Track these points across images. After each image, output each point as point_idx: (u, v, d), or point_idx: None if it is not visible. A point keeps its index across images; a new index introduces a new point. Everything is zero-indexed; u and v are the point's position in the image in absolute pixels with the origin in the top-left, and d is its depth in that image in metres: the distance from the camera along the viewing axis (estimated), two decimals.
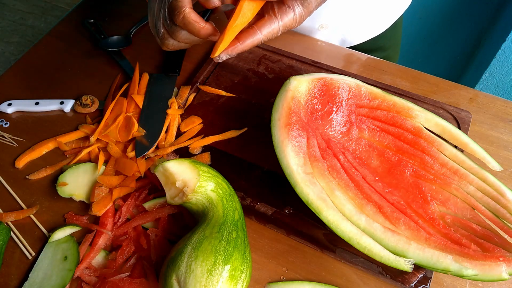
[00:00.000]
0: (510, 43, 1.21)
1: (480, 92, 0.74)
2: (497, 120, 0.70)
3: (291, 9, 0.45)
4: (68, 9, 2.18)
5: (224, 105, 0.71)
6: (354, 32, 0.84)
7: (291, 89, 0.58)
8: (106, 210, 0.58)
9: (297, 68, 0.75)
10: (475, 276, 0.46)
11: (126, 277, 0.53)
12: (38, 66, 0.78)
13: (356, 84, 0.61)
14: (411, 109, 0.59)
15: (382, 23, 0.87)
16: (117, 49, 0.79)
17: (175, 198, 0.52)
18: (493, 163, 0.56)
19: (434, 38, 1.49)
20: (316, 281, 0.54)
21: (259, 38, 0.47)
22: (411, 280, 0.53)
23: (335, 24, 0.81)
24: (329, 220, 0.49)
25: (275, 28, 0.47)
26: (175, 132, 0.67)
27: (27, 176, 0.64)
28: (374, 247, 0.48)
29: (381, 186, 0.55)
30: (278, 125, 0.55)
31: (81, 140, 0.67)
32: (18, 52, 2.02)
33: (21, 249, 0.57)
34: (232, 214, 0.52)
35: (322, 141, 0.57)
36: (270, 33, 0.47)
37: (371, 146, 0.59)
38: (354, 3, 0.80)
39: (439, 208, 0.53)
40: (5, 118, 0.71)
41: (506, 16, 1.24)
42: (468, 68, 1.50)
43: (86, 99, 0.71)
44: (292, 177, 0.52)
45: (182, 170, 0.53)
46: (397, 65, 0.78)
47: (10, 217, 0.59)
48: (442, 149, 0.56)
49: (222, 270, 0.46)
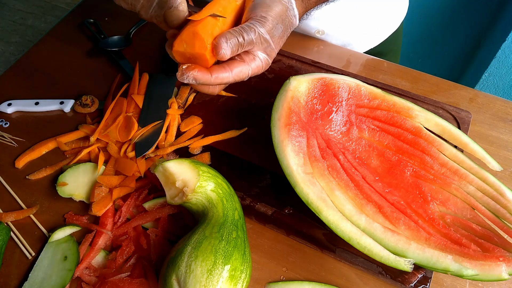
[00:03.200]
0: (510, 43, 1.21)
1: (480, 92, 0.74)
2: (497, 120, 0.70)
3: (257, 57, 0.50)
4: (68, 9, 2.18)
5: (224, 105, 0.71)
6: (353, 43, 0.85)
7: (291, 89, 0.58)
8: (106, 210, 0.58)
9: (297, 68, 0.75)
10: (475, 276, 0.46)
11: (126, 277, 0.53)
12: (38, 66, 0.78)
13: (356, 84, 0.61)
14: (411, 109, 0.59)
15: (380, 34, 0.88)
16: (117, 49, 0.79)
17: (175, 198, 0.52)
18: (493, 163, 0.56)
19: (434, 38, 1.49)
20: (316, 281, 0.54)
21: (229, 77, 0.49)
22: (411, 280, 0.53)
23: (332, 31, 0.82)
24: (329, 220, 0.49)
25: (244, 71, 0.50)
26: (175, 132, 0.67)
27: (27, 176, 0.64)
28: (374, 247, 0.48)
29: (381, 186, 0.55)
30: (278, 125, 0.55)
31: (81, 140, 0.67)
32: (18, 52, 2.02)
33: (21, 249, 0.57)
34: (232, 214, 0.52)
35: (322, 141, 0.57)
36: (239, 75, 0.50)
37: (371, 146, 0.59)
38: (351, 13, 0.80)
39: (439, 208, 0.53)
40: (5, 118, 0.71)
41: (506, 16, 1.24)
42: (468, 68, 1.50)
43: (86, 99, 0.71)
44: (292, 177, 0.52)
45: (182, 170, 0.53)
46: (397, 65, 0.78)
47: (10, 217, 0.59)
48: (442, 149, 0.56)
49: (222, 270, 0.46)
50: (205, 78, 0.48)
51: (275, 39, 0.51)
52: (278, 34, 0.51)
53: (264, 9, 0.50)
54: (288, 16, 0.52)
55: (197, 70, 0.48)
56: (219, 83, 0.49)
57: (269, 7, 0.50)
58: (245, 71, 0.50)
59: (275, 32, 0.50)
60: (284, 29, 0.52)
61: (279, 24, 0.50)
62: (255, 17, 0.49)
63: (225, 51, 0.46)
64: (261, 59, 0.51)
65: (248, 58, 0.50)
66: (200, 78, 0.48)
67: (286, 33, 0.53)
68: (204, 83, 0.49)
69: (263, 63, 0.51)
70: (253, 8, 0.50)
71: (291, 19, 0.52)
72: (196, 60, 0.48)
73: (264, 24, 0.49)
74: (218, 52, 0.46)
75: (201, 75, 0.48)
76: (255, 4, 0.51)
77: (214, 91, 0.55)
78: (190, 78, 0.48)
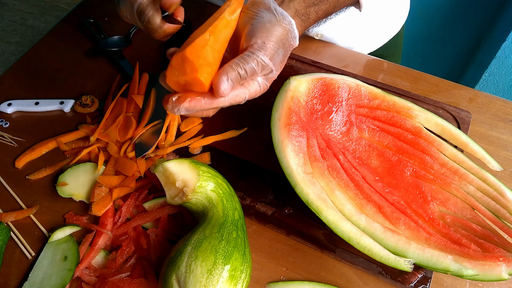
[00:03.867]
0: (510, 43, 1.21)
1: (480, 92, 0.74)
2: (497, 120, 0.70)
3: (255, 81, 0.48)
4: (68, 9, 2.18)
5: None
6: (354, 46, 0.85)
7: (291, 89, 0.58)
8: (106, 210, 0.58)
9: (297, 68, 0.75)
10: (475, 276, 0.46)
11: (126, 277, 0.53)
12: (38, 66, 0.78)
13: (356, 84, 0.61)
14: (411, 109, 0.59)
15: (381, 38, 0.87)
16: (117, 49, 0.79)
17: (175, 198, 0.52)
18: (493, 163, 0.56)
19: (434, 38, 1.49)
20: (316, 281, 0.54)
21: (224, 102, 0.46)
22: (411, 280, 0.53)
23: (333, 35, 0.81)
24: (329, 220, 0.49)
25: (241, 96, 0.47)
26: (175, 132, 0.67)
27: (27, 176, 0.64)
28: (374, 247, 0.48)
29: (381, 186, 0.55)
30: (278, 125, 0.55)
31: (81, 140, 0.67)
32: (18, 52, 2.02)
33: (21, 249, 0.57)
34: (232, 214, 0.52)
35: (322, 141, 0.57)
36: (236, 99, 0.47)
37: (371, 146, 0.59)
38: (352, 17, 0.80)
39: (439, 208, 0.53)
40: (5, 118, 0.71)
41: (506, 16, 1.24)
42: (468, 68, 1.50)
43: (86, 99, 0.71)
44: (292, 177, 0.52)
45: (182, 170, 0.53)
46: (397, 65, 0.78)
47: (10, 217, 0.59)
48: (442, 149, 0.56)
49: (222, 270, 0.46)
50: (198, 106, 0.45)
51: (276, 65, 0.48)
52: (279, 59, 0.48)
53: (264, 34, 0.46)
54: (289, 39, 0.49)
55: (189, 101, 0.45)
56: (214, 107, 0.47)
57: (269, 31, 0.47)
58: (242, 95, 0.47)
59: (276, 58, 0.47)
60: (285, 53, 0.49)
61: (280, 49, 0.48)
62: (256, 44, 0.46)
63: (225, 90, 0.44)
64: (260, 83, 0.48)
65: (246, 83, 0.47)
66: (193, 108, 0.45)
67: (286, 56, 0.50)
68: (198, 111, 0.46)
69: (262, 87, 0.49)
70: (252, 33, 0.47)
71: (291, 42, 0.50)
72: (191, 86, 0.45)
73: (266, 51, 0.46)
74: (218, 91, 0.43)
75: (194, 105, 0.45)
76: (253, 28, 0.47)
77: (208, 114, 0.52)
78: (182, 111, 0.45)
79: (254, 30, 0.47)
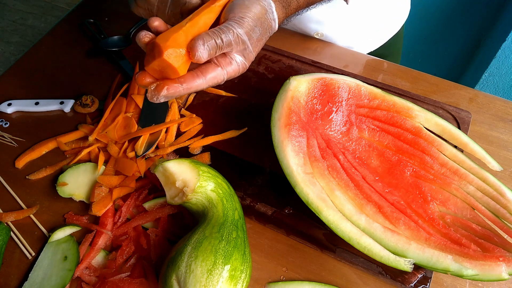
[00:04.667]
0: (510, 43, 1.21)
1: (480, 92, 0.74)
2: (497, 120, 0.70)
3: (233, 60, 0.48)
4: (68, 9, 2.18)
5: (224, 105, 0.71)
6: (354, 46, 0.85)
7: (291, 89, 0.58)
8: (106, 210, 0.58)
9: (297, 68, 0.75)
10: (475, 276, 0.46)
11: (126, 277, 0.53)
12: (38, 66, 0.78)
13: (356, 84, 0.61)
14: (411, 109, 0.59)
15: (382, 37, 0.87)
16: (117, 49, 0.79)
17: (175, 198, 0.52)
18: (493, 163, 0.56)
19: (434, 38, 1.49)
20: (316, 281, 0.54)
21: (203, 84, 0.47)
22: (411, 280, 0.53)
23: (333, 35, 0.81)
24: (329, 220, 0.49)
25: (219, 77, 0.48)
26: (175, 132, 0.67)
27: (27, 176, 0.64)
28: (374, 247, 0.48)
29: (381, 186, 0.55)
30: (278, 125, 0.55)
31: (81, 140, 0.67)
32: (18, 52, 2.02)
33: (21, 249, 0.57)
34: (232, 214, 0.52)
35: (322, 141, 0.57)
36: (213, 81, 0.48)
37: (371, 146, 0.59)
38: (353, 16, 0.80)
39: (439, 208, 0.53)
40: (5, 118, 0.71)
41: (506, 16, 1.24)
42: (468, 68, 1.50)
43: (86, 99, 0.71)
44: (292, 177, 0.52)
45: (182, 170, 0.53)
46: (397, 65, 0.78)
47: (10, 217, 0.59)
48: (442, 149, 0.56)
49: (222, 270, 0.46)
50: (177, 93, 0.46)
51: (253, 41, 0.49)
52: (256, 37, 0.49)
53: (242, 10, 0.48)
54: (267, 19, 0.50)
55: (167, 88, 0.45)
56: (193, 91, 0.47)
57: (247, 8, 0.48)
58: (220, 76, 0.48)
59: (253, 34, 0.48)
60: (263, 32, 0.50)
61: (258, 27, 0.49)
62: (233, 18, 0.47)
63: (202, 54, 0.44)
64: (238, 62, 0.48)
65: (224, 62, 0.48)
66: (172, 94, 0.45)
67: (264, 36, 0.51)
68: (178, 96, 0.46)
69: (240, 66, 0.49)
70: (230, 9, 0.49)
71: (270, 23, 0.50)
72: (165, 71, 0.45)
73: (242, 25, 0.47)
74: (194, 54, 0.44)
75: (172, 91, 0.45)
76: (233, 4, 0.49)
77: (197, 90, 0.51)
78: (162, 98, 0.45)
79: (232, 6, 0.49)
